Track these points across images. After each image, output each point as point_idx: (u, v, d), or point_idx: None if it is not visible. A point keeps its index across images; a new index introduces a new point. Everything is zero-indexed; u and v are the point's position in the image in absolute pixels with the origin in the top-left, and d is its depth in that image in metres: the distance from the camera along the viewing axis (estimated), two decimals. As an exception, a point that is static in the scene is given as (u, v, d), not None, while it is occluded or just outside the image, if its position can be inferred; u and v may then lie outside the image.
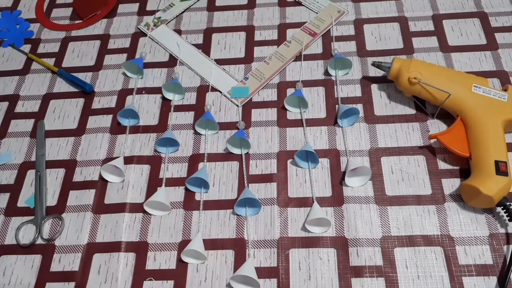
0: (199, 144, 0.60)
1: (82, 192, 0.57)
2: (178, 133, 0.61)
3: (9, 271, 0.53)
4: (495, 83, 0.60)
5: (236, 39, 0.69)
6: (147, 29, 0.72)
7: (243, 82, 0.65)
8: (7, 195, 0.58)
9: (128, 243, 0.53)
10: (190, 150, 0.59)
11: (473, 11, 0.67)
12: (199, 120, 0.60)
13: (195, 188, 0.56)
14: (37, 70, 0.70)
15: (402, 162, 0.55)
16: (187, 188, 0.56)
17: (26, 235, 0.55)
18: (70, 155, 0.60)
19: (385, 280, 0.48)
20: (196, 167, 0.58)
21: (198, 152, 0.59)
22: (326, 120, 0.60)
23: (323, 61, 0.65)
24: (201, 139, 0.60)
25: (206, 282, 0.50)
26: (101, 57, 0.70)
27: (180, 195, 0.56)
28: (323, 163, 0.56)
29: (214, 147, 0.59)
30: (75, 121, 0.64)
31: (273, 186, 0.55)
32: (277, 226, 0.53)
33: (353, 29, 0.68)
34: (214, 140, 0.60)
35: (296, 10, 0.72)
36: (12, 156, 0.61)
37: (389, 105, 0.60)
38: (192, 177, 0.55)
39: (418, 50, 0.64)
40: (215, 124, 0.60)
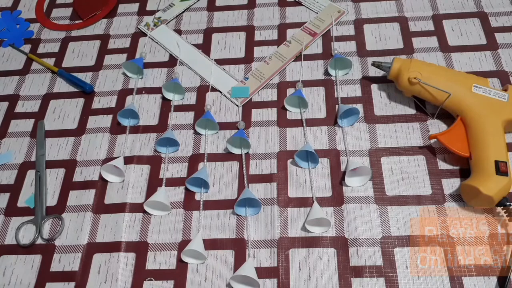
0: (199, 144, 0.60)
1: (82, 192, 0.57)
2: (178, 133, 0.61)
3: (9, 271, 0.53)
4: (495, 83, 0.60)
5: (236, 39, 0.69)
6: (147, 29, 0.72)
7: (243, 82, 0.65)
8: (7, 195, 0.58)
9: (128, 243, 0.53)
10: (190, 150, 0.59)
11: (473, 11, 0.67)
12: (199, 120, 0.60)
13: (195, 188, 0.56)
14: (37, 70, 0.70)
15: (402, 162, 0.56)
16: (187, 188, 0.56)
17: (26, 235, 0.55)
18: (70, 155, 0.60)
19: (385, 280, 0.48)
20: (196, 167, 0.58)
21: (198, 152, 0.59)
22: (326, 120, 0.60)
23: (323, 61, 0.65)
24: (201, 139, 0.60)
25: (206, 282, 0.50)
26: (101, 57, 0.70)
27: (180, 195, 0.56)
28: (323, 163, 0.56)
29: (214, 147, 0.59)
30: (75, 121, 0.64)
31: (273, 186, 0.55)
32: (277, 226, 0.53)
33: (353, 29, 0.68)
34: (214, 140, 0.60)
35: (296, 10, 0.72)
36: (12, 156, 0.61)
37: (389, 105, 0.60)
38: (192, 177, 0.55)
39: (418, 50, 0.64)
40: (215, 124, 0.60)
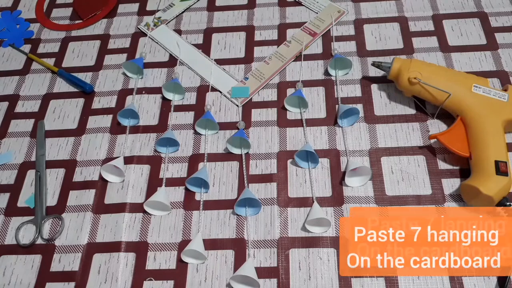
0: (199, 144, 0.60)
1: (82, 192, 0.57)
2: (178, 133, 0.61)
3: (9, 271, 0.53)
4: (495, 83, 0.60)
5: (236, 39, 0.69)
6: (147, 29, 0.72)
7: (243, 82, 0.65)
8: (7, 195, 0.58)
9: (128, 243, 0.53)
10: (190, 150, 0.59)
11: (473, 11, 0.67)
12: (199, 120, 0.60)
13: (195, 188, 0.56)
14: (37, 70, 0.70)
15: (402, 162, 0.55)
16: (187, 188, 0.56)
17: (26, 235, 0.55)
18: (70, 155, 0.60)
19: (385, 280, 0.48)
20: (196, 167, 0.58)
21: (198, 152, 0.59)
22: (326, 120, 0.60)
23: (323, 61, 0.65)
24: (201, 139, 0.60)
25: (206, 282, 0.50)
26: (101, 57, 0.70)
27: (180, 195, 0.56)
28: (323, 163, 0.56)
29: (214, 147, 0.59)
30: (75, 121, 0.64)
31: (273, 186, 0.55)
32: (277, 226, 0.53)
33: (353, 29, 0.68)
34: (214, 140, 0.60)
35: (296, 10, 0.72)
36: (12, 156, 0.61)
37: (389, 105, 0.60)
38: (192, 177, 0.55)
39: (418, 50, 0.64)
40: (215, 124, 0.60)
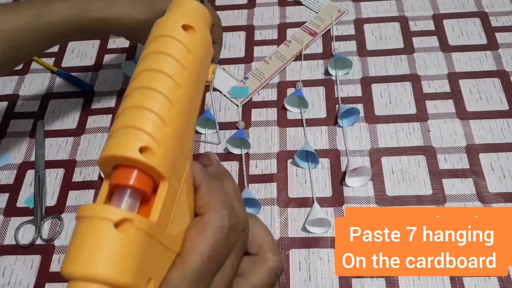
0: (199, 144, 0.60)
1: (81, 192, 0.57)
2: (178, 133, 0.61)
3: (9, 272, 0.53)
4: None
5: (236, 39, 0.69)
6: (147, 28, 0.72)
7: (243, 81, 0.64)
8: (6, 195, 0.58)
9: (127, 243, 0.53)
10: (190, 150, 0.59)
11: (474, 11, 0.67)
12: (198, 119, 0.59)
13: (195, 188, 0.56)
14: (37, 70, 0.70)
15: (402, 162, 0.55)
16: (187, 188, 0.56)
17: (26, 235, 0.55)
18: (69, 155, 0.60)
19: (385, 280, 0.48)
20: (196, 167, 0.57)
21: (198, 152, 0.59)
22: (326, 120, 0.60)
23: (323, 61, 0.65)
24: (201, 138, 0.60)
25: (206, 283, 0.50)
26: (101, 57, 0.70)
27: (180, 195, 0.56)
28: (324, 163, 0.56)
29: (213, 147, 0.59)
30: (74, 121, 0.63)
31: (273, 186, 0.55)
32: (277, 226, 0.53)
33: (353, 28, 0.68)
34: (213, 140, 0.60)
35: (296, 9, 0.71)
36: (11, 159, 0.61)
37: (390, 105, 0.60)
38: (192, 177, 0.55)
39: (418, 49, 0.64)
40: (215, 123, 0.60)
